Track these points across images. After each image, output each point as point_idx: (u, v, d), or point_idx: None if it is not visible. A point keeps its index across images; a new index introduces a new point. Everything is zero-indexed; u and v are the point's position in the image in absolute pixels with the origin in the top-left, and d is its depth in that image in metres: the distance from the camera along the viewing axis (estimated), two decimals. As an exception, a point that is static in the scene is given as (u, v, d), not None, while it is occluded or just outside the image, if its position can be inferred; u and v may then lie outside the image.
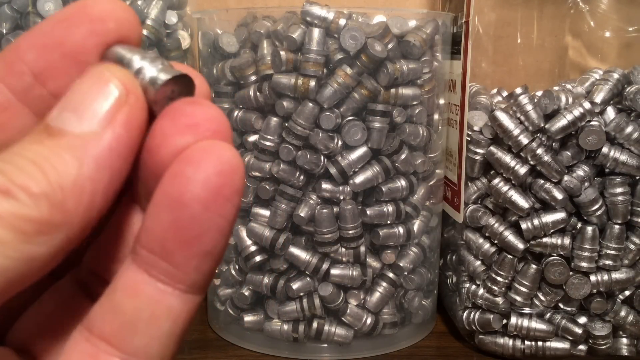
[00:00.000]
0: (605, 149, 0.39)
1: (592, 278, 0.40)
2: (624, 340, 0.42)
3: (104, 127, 0.14)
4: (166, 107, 0.15)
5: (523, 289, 0.41)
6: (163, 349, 0.15)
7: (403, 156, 0.41)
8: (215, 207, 0.14)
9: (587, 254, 0.40)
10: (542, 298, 0.41)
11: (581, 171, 0.40)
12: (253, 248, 0.42)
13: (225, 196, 0.14)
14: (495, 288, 0.42)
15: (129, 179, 0.16)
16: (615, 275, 0.40)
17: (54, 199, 0.13)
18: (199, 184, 0.14)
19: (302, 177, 0.40)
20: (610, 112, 0.40)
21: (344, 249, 0.41)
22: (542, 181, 0.40)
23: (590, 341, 0.41)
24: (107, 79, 0.15)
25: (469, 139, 0.42)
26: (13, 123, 0.16)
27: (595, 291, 0.41)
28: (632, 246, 0.40)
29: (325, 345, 0.42)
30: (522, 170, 0.40)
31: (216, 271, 0.16)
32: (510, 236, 0.41)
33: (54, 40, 0.15)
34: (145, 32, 0.42)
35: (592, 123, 0.39)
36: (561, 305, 0.42)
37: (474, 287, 0.43)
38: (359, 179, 0.40)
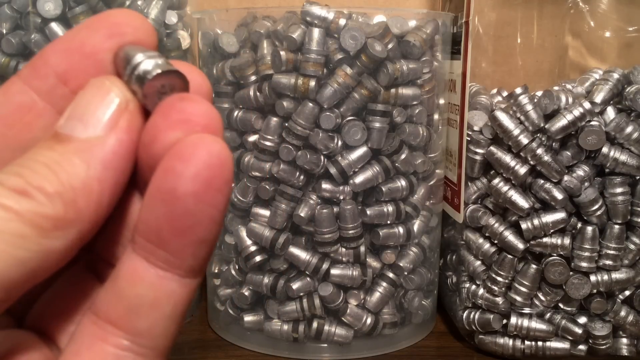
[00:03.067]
0: (605, 149, 0.39)
1: (592, 278, 0.40)
2: (624, 340, 0.42)
3: (107, 132, 0.16)
4: (158, 102, 0.16)
5: (523, 289, 0.41)
6: (166, 330, 0.16)
7: (403, 156, 0.41)
8: (207, 199, 0.15)
9: (587, 254, 0.40)
10: (542, 298, 0.41)
11: (581, 171, 0.40)
12: (253, 248, 0.42)
13: (216, 187, 0.15)
14: (495, 288, 0.42)
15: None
16: (615, 275, 0.40)
17: (66, 197, 0.15)
18: (189, 179, 0.15)
19: (302, 177, 0.40)
20: (610, 112, 0.40)
21: (344, 249, 0.41)
22: (542, 181, 0.40)
23: (590, 341, 0.41)
24: (108, 88, 0.16)
25: (469, 139, 0.42)
26: (38, 122, 0.17)
27: (595, 291, 0.41)
28: (632, 246, 0.40)
29: (325, 345, 0.42)
30: (522, 170, 0.40)
31: (212, 256, 0.17)
32: (510, 236, 0.41)
33: (76, 44, 0.17)
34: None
35: (592, 123, 0.39)
36: (561, 305, 0.42)
37: (474, 287, 0.43)
38: (359, 179, 0.40)
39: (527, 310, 0.42)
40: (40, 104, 0.17)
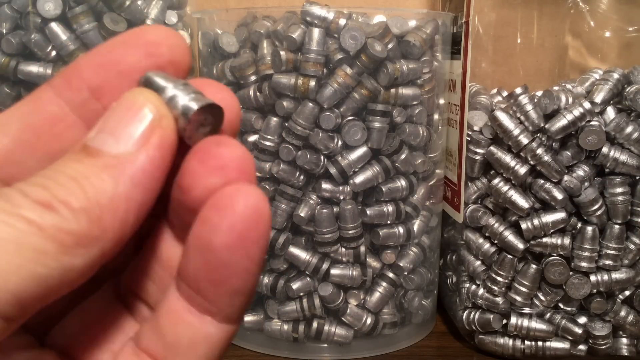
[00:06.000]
0: (605, 149, 0.39)
1: (592, 278, 0.40)
2: (624, 340, 0.42)
3: (138, 148, 0.15)
4: (196, 136, 0.16)
5: (523, 289, 0.41)
6: None
7: (403, 156, 0.41)
8: (242, 251, 0.15)
9: (587, 254, 0.40)
10: (542, 298, 0.41)
11: (581, 171, 0.40)
12: (253, 248, 0.42)
13: (251, 240, 0.15)
14: (495, 288, 0.42)
15: (164, 204, 0.17)
16: (615, 275, 0.40)
17: (92, 214, 0.15)
18: (224, 231, 0.15)
19: (302, 177, 0.40)
20: (610, 112, 0.40)
21: (344, 249, 0.41)
22: (542, 181, 0.40)
23: (590, 341, 0.41)
24: (141, 103, 0.16)
25: (469, 139, 0.42)
26: (68, 134, 0.17)
27: (595, 291, 0.41)
28: (632, 246, 0.40)
29: (325, 345, 0.42)
30: (522, 170, 0.40)
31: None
32: (510, 236, 0.41)
33: (111, 60, 0.17)
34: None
35: (592, 123, 0.39)
36: (561, 305, 0.42)
37: (474, 287, 0.43)
38: (359, 179, 0.40)
39: (527, 310, 0.42)
40: (71, 116, 0.17)
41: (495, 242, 0.42)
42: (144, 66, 0.17)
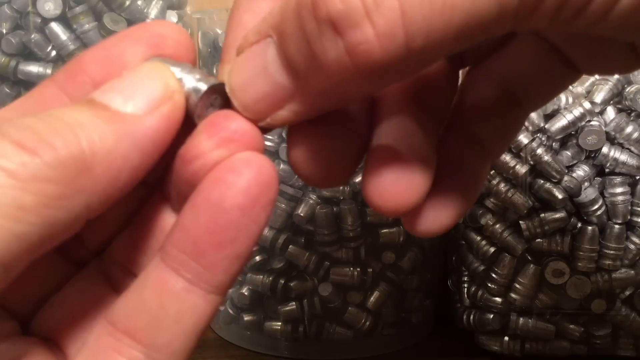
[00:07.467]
0: (605, 149, 0.39)
1: (592, 278, 0.40)
2: (624, 340, 0.42)
3: (147, 113, 0.15)
4: (205, 115, 0.16)
5: (523, 289, 0.41)
6: (184, 346, 0.16)
7: (403, 156, 0.41)
8: (252, 214, 0.15)
9: (587, 254, 0.40)
10: (542, 298, 0.41)
11: (581, 171, 0.40)
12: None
13: (262, 205, 0.15)
14: (495, 288, 0.42)
15: (161, 176, 0.17)
16: (615, 275, 0.40)
17: (81, 163, 0.14)
18: (240, 191, 0.15)
19: (302, 177, 0.40)
20: (610, 112, 0.40)
21: (344, 249, 0.41)
22: (542, 181, 0.40)
23: (590, 341, 0.41)
24: (158, 74, 0.16)
25: (469, 139, 0.42)
26: None
27: (595, 291, 0.41)
28: (632, 246, 0.40)
29: (326, 345, 0.42)
30: (522, 170, 0.40)
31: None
32: (510, 236, 0.41)
33: (116, 53, 0.16)
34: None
35: (592, 123, 0.39)
36: (561, 305, 0.42)
37: (474, 287, 0.43)
38: (359, 178, 0.40)
39: (527, 310, 0.42)
40: None
41: (495, 242, 0.42)
42: (149, 58, 0.16)
